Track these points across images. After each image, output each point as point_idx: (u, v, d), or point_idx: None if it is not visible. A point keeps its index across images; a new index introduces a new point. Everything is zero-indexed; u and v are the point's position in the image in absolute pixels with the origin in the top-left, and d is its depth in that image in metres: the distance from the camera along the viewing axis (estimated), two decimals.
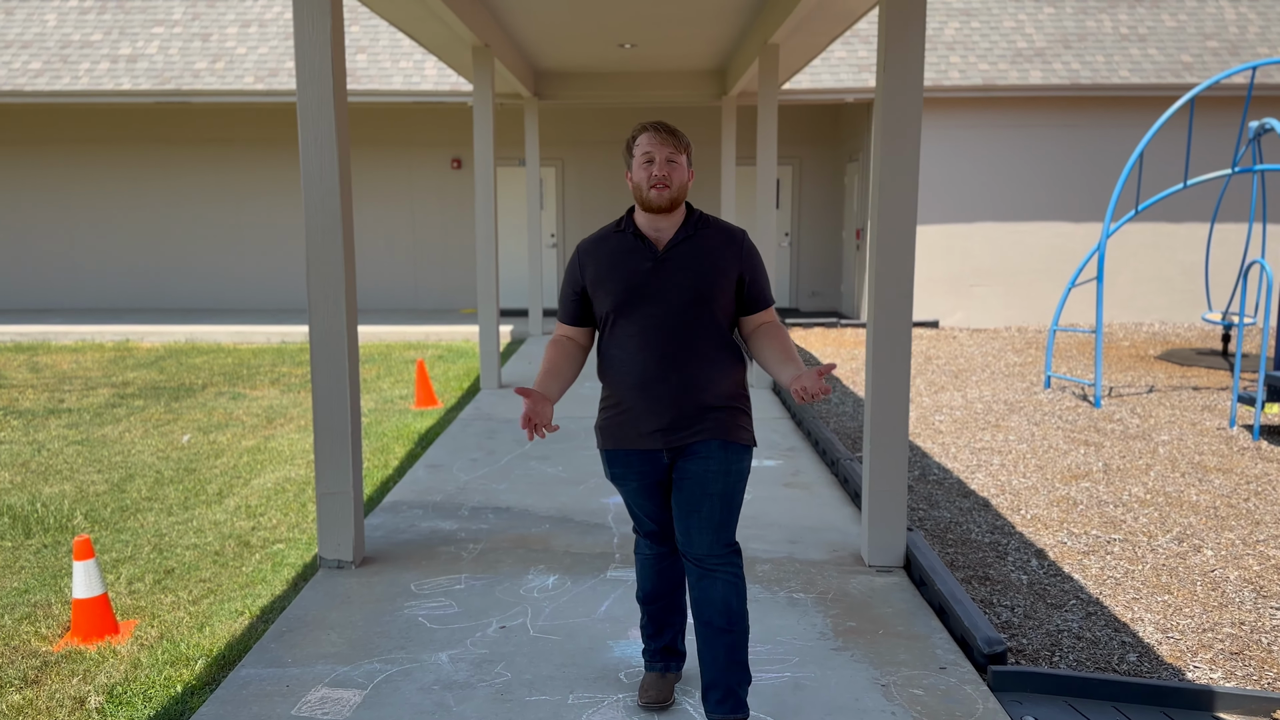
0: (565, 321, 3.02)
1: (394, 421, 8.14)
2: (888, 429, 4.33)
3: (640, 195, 2.88)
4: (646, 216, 2.91)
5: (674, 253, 2.86)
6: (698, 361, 2.83)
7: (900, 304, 4.28)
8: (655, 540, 3.10)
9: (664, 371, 2.82)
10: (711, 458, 2.85)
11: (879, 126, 4.21)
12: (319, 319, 4.27)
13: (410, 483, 5.80)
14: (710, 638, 2.88)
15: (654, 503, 3.00)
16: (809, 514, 5.14)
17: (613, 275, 2.87)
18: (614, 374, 2.90)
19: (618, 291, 2.85)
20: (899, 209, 4.24)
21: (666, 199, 2.84)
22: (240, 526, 5.64)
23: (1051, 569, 4.62)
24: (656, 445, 2.88)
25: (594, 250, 2.95)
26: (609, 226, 3.00)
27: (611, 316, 2.89)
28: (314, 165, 4.20)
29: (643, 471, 2.94)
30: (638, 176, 2.87)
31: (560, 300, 3.05)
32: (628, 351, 2.85)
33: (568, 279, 3.01)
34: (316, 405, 4.33)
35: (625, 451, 2.94)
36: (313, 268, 4.26)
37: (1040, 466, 6.38)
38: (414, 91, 12.37)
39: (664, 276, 2.83)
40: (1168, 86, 12.42)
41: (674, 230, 2.91)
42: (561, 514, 5.17)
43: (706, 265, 2.85)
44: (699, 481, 2.85)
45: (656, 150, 2.84)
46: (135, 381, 10.27)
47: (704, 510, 2.85)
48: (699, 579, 2.89)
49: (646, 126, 2.87)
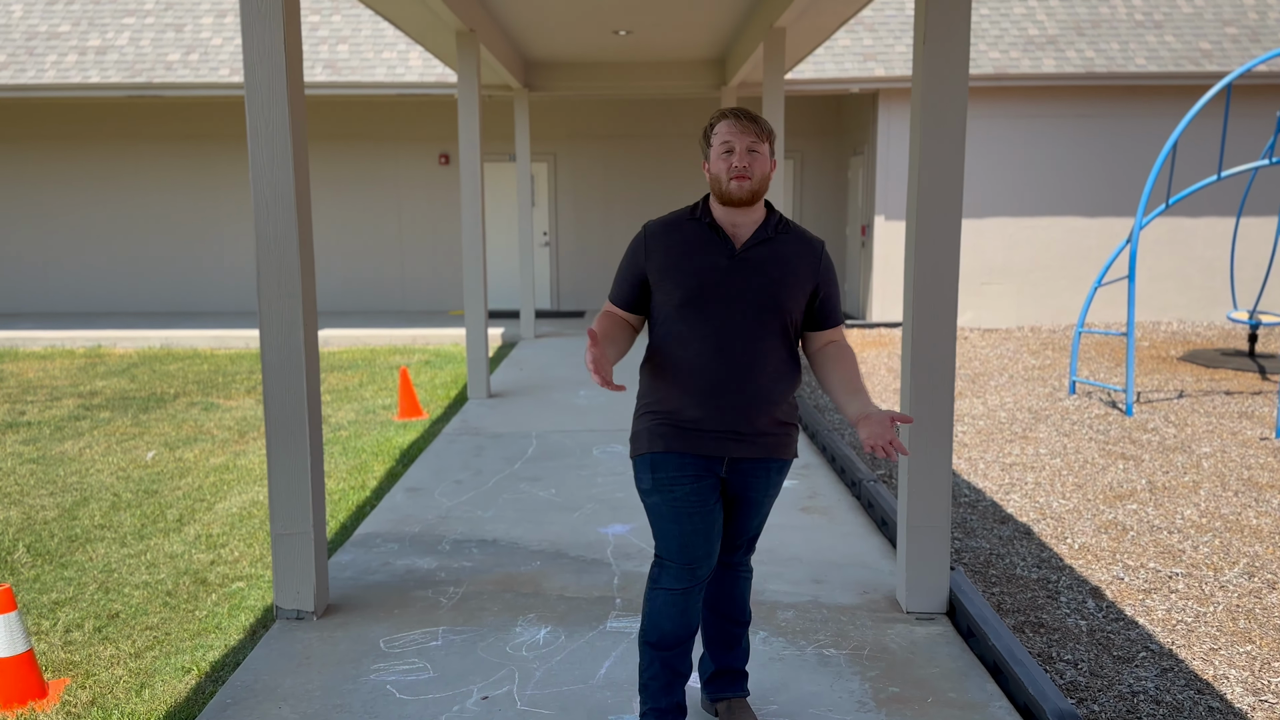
0: (618, 304, 2.80)
1: (374, 435, 7.57)
2: (928, 454, 3.78)
3: (719, 187, 2.67)
4: (724, 210, 2.71)
5: (752, 253, 2.68)
6: (768, 374, 2.68)
7: (943, 312, 3.73)
8: (694, 570, 2.72)
9: (736, 381, 2.65)
10: (770, 482, 2.78)
11: (920, 108, 3.65)
12: (271, 334, 3.70)
13: (387, 510, 5.23)
14: (727, 629, 2.94)
15: (705, 509, 2.70)
16: (832, 545, 4.59)
17: (683, 267, 2.67)
18: (675, 376, 2.69)
19: (689, 286, 2.65)
20: (942, 204, 3.68)
21: (748, 191, 2.64)
22: (198, 560, 5.08)
23: (1111, 611, 4.06)
24: (719, 453, 2.70)
25: (664, 236, 2.73)
26: (682, 212, 2.78)
27: (676, 311, 2.68)
28: (264, 158, 3.63)
29: (698, 476, 2.70)
30: (716, 167, 2.67)
31: (617, 280, 2.81)
32: (695, 353, 2.66)
33: (629, 261, 2.78)
34: (270, 434, 3.76)
35: (680, 455, 2.70)
36: (264, 278, 3.69)
37: (1079, 485, 5.83)
38: (398, 83, 11.79)
39: (740, 277, 2.65)
40: (1186, 75, 11.88)
41: (753, 228, 2.72)
42: (554, 548, 4.61)
43: (784, 272, 2.68)
44: (754, 505, 2.81)
45: (736, 139, 2.64)
46: (103, 391, 9.69)
47: (753, 526, 2.86)
48: (722, 578, 2.91)
49: (726, 113, 2.68)
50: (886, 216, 12.64)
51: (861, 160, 13.30)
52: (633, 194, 14.54)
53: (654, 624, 2.75)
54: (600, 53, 10.68)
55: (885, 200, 12.62)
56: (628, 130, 14.48)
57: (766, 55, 7.81)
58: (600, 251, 14.66)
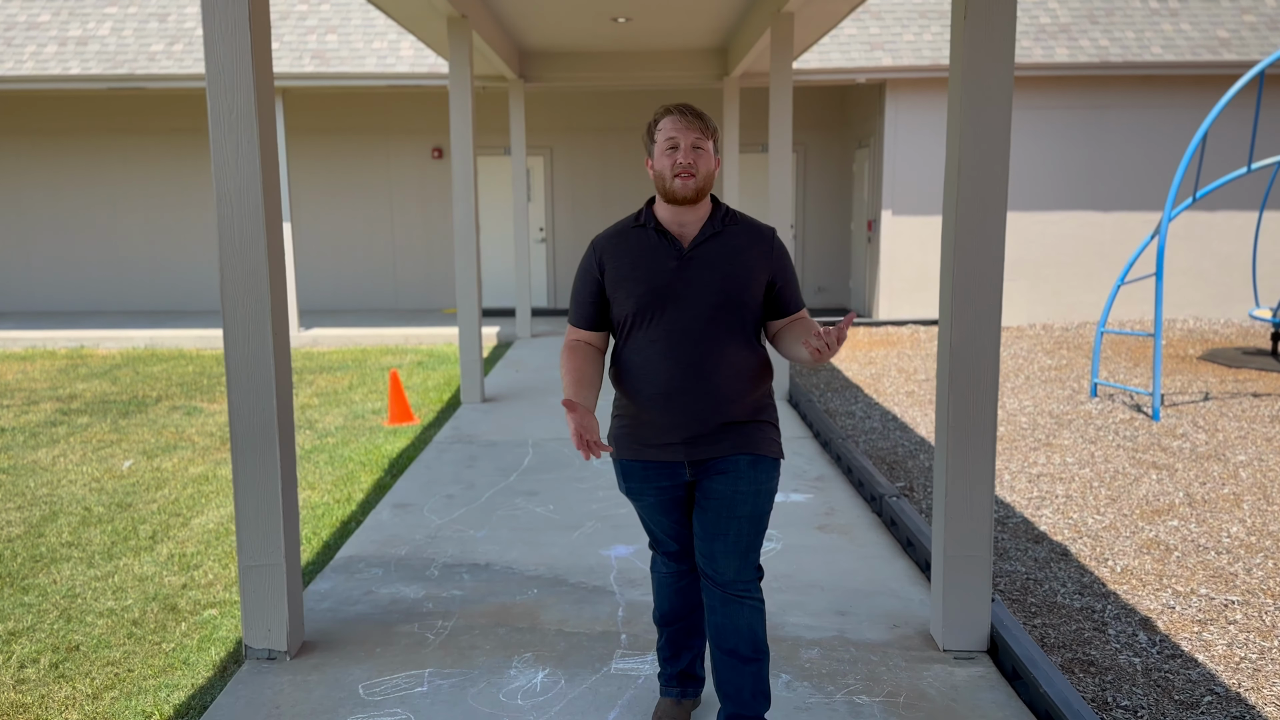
0: (580, 326, 2.74)
1: (363, 442, 7.19)
2: (969, 474, 3.40)
3: (663, 185, 2.61)
4: (669, 209, 2.65)
5: (700, 251, 2.62)
6: (725, 370, 2.60)
7: (987, 316, 3.35)
8: (674, 558, 2.86)
9: (689, 381, 2.59)
10: (741, 476, 2.62)
11: (961, 91, 3.27)
12: (236, 343, 3.32)
13: (372, 529, 4.85)
14: (735, 667, 2.68)
15: (672, 519, 2.78)
16: (855, 570, 4.21)
17: (634, 275, 2.62)
18: (633, 382, 2.65)
19: (640, 293, 2.60)
20: (986, 194, 3.30)
21: (692, 189, 2.58)
22: (169, 584, 4.70)
23: (1166, 646, 3.70)
24: (678, 457, 2.64)
25: (613, 247, 2.68)
26: (626, 220, 2.73)
27: (631, 320, 2.64)
28: (227, 149, 3.24)
29: (661, 486, 2.70)
30: (660, 164, 2.61)
31: (574, 301, 2.75)
32: (648, 358, 2.61)
33: (583, 278, 2.72)
34: (236, 455, 3.38)
35: (643, 463, 2.69)
36: (228, 282, 3.31)
37: (1113, 498, 5.46)
38: (389, 74, 11.39)
39: (689, 277, 2.59)
40: (1204, 64, 11.50)
41: (699, 225, 2.65)
42: (553, 573, 4.23)
43: (735, 265, 2.61)
44: (726, 502, 2.62)
45: (681, 135, 2.58)
46: (83, 394, 9.30)
47: (731, 534, 2.63)
48: (723, 604, 2.67)
49: (670, 109, 2.61)
50: (894, 211, 12.26)
51: (867, 153, 12.92)
52: (631, 189, 14.15)
53: (657, 602, 2.92)
54: (598, 41, 10.29)
55: (893, 194, 12.24)
56: (626, 123, 14.08)
57: (774, 42, 7.42)
58: None
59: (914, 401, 8.09)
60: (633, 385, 2.64)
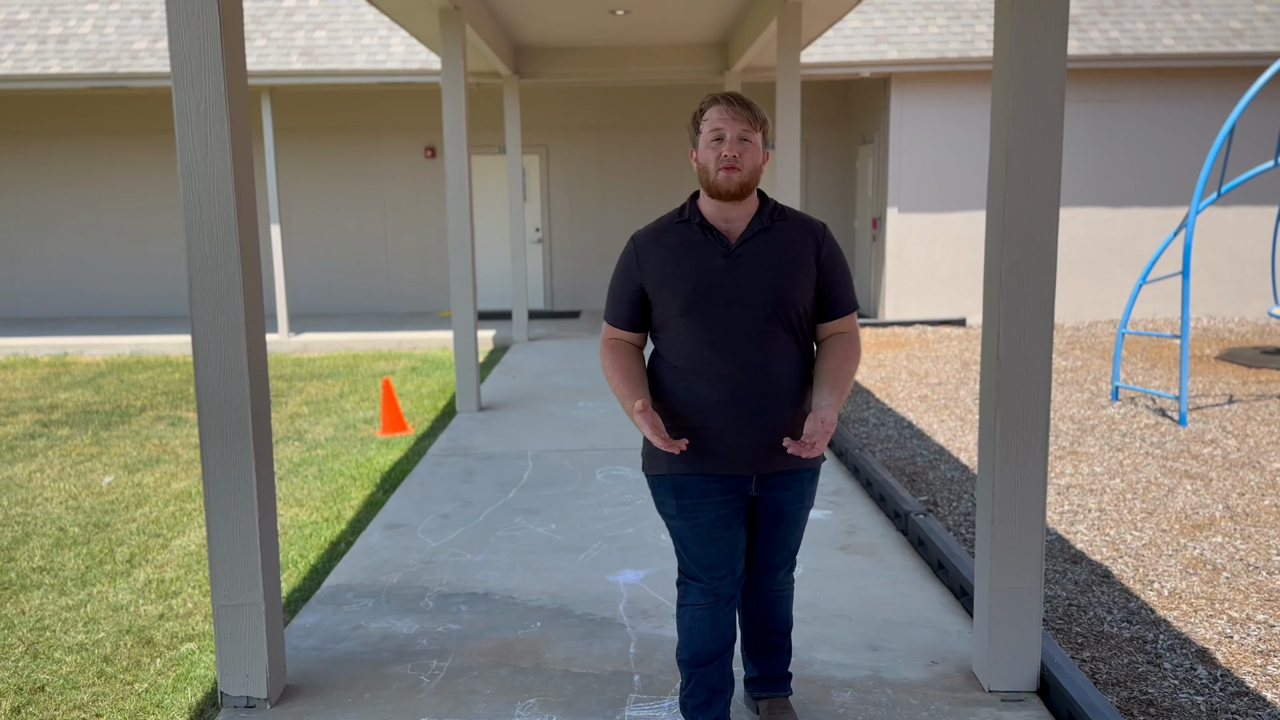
0: (620, 326, 2.60)
1: (354, 454, 6.87)
2: (1019, 499, 3.09)
3: (707, 179, 2.47)
4: (714, 204, 2.51)
5: (748, 247, 2.49)
6: (789, 371, 2.49)
7: (1038, 321, 3.03)
8: (718, 583, 2.59)
9: (756, 384, 2.46)
10: (804, 492, 2.60)
11: (1009, 77, 2.95)
12: (207, 361, 3.00)
13: (362, 554, 4.53)
14: (767, 639, 2.84)
15: (730, 534, 2.56)
16: (884, 597, 3.90)
17: (679, 273, 2.48)
18: (688, 389, 2.49)
19: (685, 293, 2.46)
20: (1037, 190, 2.99)
21: (736, 184, 2.45)
22: (146, 613, 4.38)
23: (1227, 681, 3.39)
24: (747, 470, 2.51)
25: (654, 244, 2.55)
26: (669, 216, 2.59)
27: (677, 320, 2.49)
28: (195, 146, 2.91)
29: (724, 500, 2.53)
30: (704, 157, 2.48)
31: (612, 300, 2.62)
32: (704, 362, 2.47)
33: (622, 277, 2.59)
34: (209, 483, 3.05)
35: (704, 477, 2.51)
36: (197, 296, 2.98)
37: (1149, 512, 5.15)
38: (380, 70, 11.05)
39: (739, 275, 2.47)
40: (1217, 55, 11.20)
41: (747, 221, 2.52)
42: (557, 602, 3.91)
43: (786, 262, 2.48)
44: (789, 519, 2.62)
45: (727, 126, 2.44)
46: (65, 404, 8.97)
47: (792, 541, 2.68)
48: (761, 596, 2.76)
49: (717, 98, 2.48)
50: (900, 208, 11.95)
51: (871, 149, 12.60)
52: (629, 187, 13.83)
53: (686, 642, 2.67)
54: (595, 36, 9.96)
55: (898, 191, 11.93)
56: (624, 120, 13.75)
57: (780, 33, 7.11)
58: (596, 248, 13.94)
59: (928, 407, 7.78)
60: (687, 392, 2.49)
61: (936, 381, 8.79)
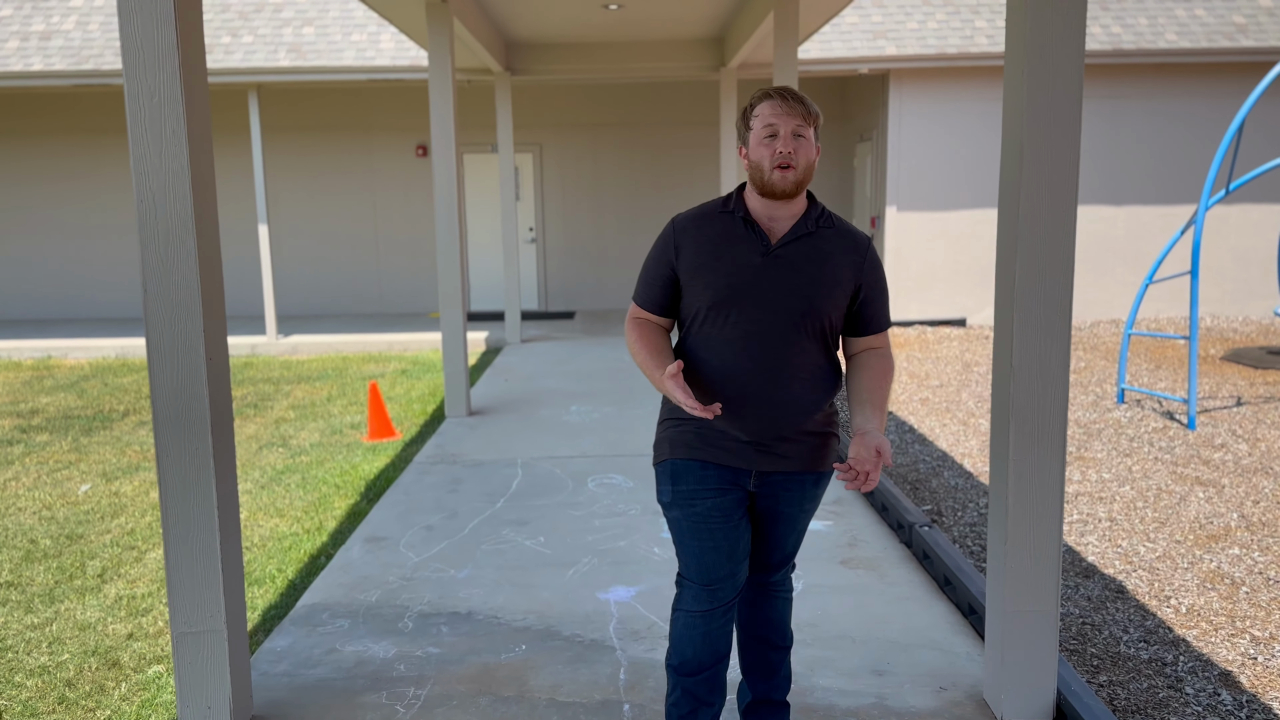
0: (647, 308, 2.53)
1: (340, 461, 6.66)
2: (1034, 516, 2.89)
3: (759, 177, 2.38)
4: (762, 201, 2.42)
5: (787, 250, 2.42)
6: (803, 381, 2.43)
7: (1055, 323, 2.84)
8: (713, 589, 2.50)
9: (768, 387, 2.40)
10: (806, 495, 2.55)
11: (1021, 67, 2.75)
12: (164, 373, 2.79)
13: (340, 569, 4.32)
14: (764, 653, 2.70)
15: (729, 526, 2.47)
16: (889, 616, 3.70)
17: (715, 265, 2.42)
18: (704, 383, 2.45)
19: (718, 286, 2.40)
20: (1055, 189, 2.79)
21: (792, 182, 2.36)
22: (113, 633, 4.18)
23: (1255, 709, 3.19)
24: (747, 465, 2.47)
25: (694, 230, 2.47)
26: (714, 203, 2.51)
27: (705, 313, 2.43)
28: (148, 141, 2.71)
29: (721, 489, 2.47)
30: (756, 154, 2.39)
31: (643, 281, 2.54)
32: (723, 359, 2.42)
33: (657, 258, 2.51)
34: (166, 505, 2.85)
35: (703, 464, 2.47)
36: (152, 302, 2.78)
37: (1161, 521, 4.95)
38: (369, 67, 10.84)
39: (774, 276, 2.40)
40: (1220, 51, 11.01)
41: (791, 222, 2.44)
42: (544, 623, 3.71)
43: (825, 271, 2.41)
44: (789, 521, 2.56)
45: (781, 122, 2.36)
46: (46, 409, 8.75)
47: (789, 544, 2.61)
48: (758, 598, 2.66)
49: (770, 93, 2.40)
50: (899, 207, 11.75)
51: (870, 147, 12.41)
52: (624, 186, 13.63)
53: (676, 647, 2.57)
54: (588, 31, 9.76)
55: (897, 189, 11.74)
56: (618, 118, 13.55)
57: (777, 27, 6.91)
58: (590, 248, 13.73)
59: (930, 410, 7.58)
60: (703, 385, 2.44)
61: (938, 384, 8.60)
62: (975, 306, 11.98)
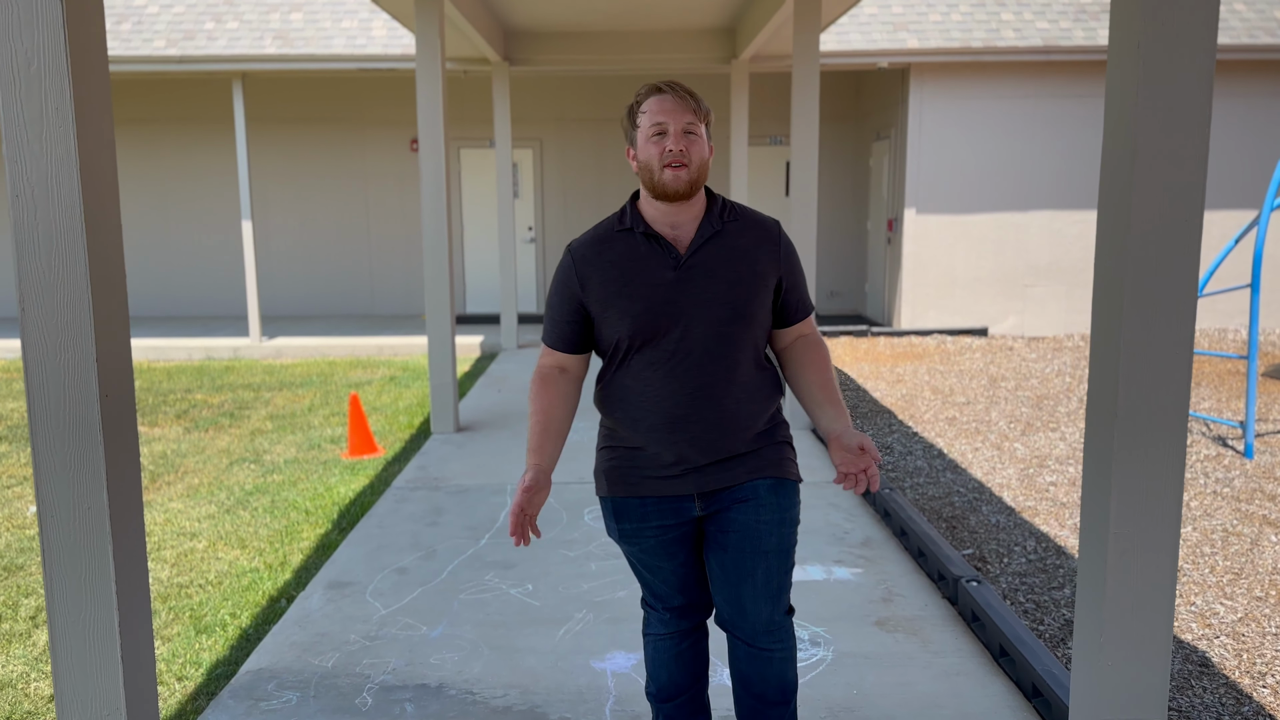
0: (557, 348, 2.32)
1: (314, 481, 6.08)
2: (1141, 606, 2.30)
3: (651, 178, 2.19)
4: (659, 207, 2.23)
5: (699, 256, 2.22)
6: (737, 392, 2.23)
7: (1174, 364, 2.25)
8: (677, 614, 2.42)
9: (697, 407, 2.20)
10: (763, 504, 2.24)
11: (1135, 54, 2.17)
12: (45, 411, 2.21)
13: (295, 623, 3.74)
14: (760, 710, 2.35)
15: (677, 562, 2.34)
16: (937, 697, 3.11)
17: (626, 291, 2.21)
18: (630, 410, 2.25)
19: (635, 313, 2.19)
20: (1179, 194, 2.20)
21: (685, 182, 2.17)
22: (34, 694, 3.63)
23: None
24: (686, 490, 2.26)
25: (595, 257, 2.26)
26: (607, 223, 2.30)
27: (625, 343, 2.23)
28: (25, 124, 2.13)
29: (664, 525, 2.29)
30: (645, 154, 2.19)
31: (549, 320, 2.33)
32: (648, 382, 2.23)
33: (560, 294, 2.30)
34: (50, 580, 2.27)
35: (641, 500, 2.28)
36: (30, 320, 2.20)
37: (1235, 572, 4.37)
38: (359, 55, 10.26)
39: (691, 289, 2.20)
40: (1263, 48, 10.42)
41: (695, 225, 2.25)
42: (528, 701, 3.13)
43: (743, 270, 2.22)
44: (751, 536, 2.24)
45: (670, 118, 2.17)
46: (10, 416, 8.19)
47: (759, 574, 2.25)
48: (751, 658, 2.31)
49: (657, 87, 2.21)
50: (919, 209, 11.16)
51: (887, 145, 11.81)
52: (628, 184, 13.03)
53: (652, 674, 2.49)
54: (591, 19, 9.17)
55: (917, 190, 11.14)
56: (622, 113, 12.95)
57: (798, 13, 6.33)
58: None
59: (958, 431, 6.99)
60: (629, 413, 2.27)
61: (964, 400, 8.00)
62: (998, 315, 11.38)
